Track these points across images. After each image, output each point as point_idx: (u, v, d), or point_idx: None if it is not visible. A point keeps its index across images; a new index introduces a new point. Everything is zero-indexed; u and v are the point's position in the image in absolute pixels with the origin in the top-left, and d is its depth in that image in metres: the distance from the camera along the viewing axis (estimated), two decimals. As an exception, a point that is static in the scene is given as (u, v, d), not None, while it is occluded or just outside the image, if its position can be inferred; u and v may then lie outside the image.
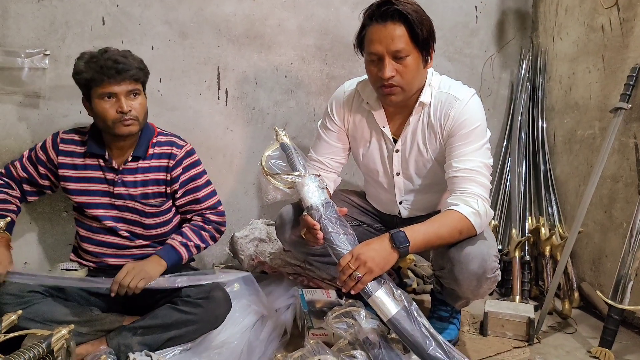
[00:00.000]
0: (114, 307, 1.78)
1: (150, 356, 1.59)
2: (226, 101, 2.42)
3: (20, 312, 1.43)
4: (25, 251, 2.21)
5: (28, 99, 2.14)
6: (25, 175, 1.86)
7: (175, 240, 1.81)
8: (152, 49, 2.27)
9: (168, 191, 1.85)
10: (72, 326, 1.36)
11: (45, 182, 1.87)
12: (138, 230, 1.84)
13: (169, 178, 1.83)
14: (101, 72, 1.64)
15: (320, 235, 1.54)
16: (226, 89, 2.42)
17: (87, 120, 2.24)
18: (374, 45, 1.59)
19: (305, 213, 1.60)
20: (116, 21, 2.22)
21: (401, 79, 1.59)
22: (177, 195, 1.86)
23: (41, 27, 2.13)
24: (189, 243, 1.81)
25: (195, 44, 2.34)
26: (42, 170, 1.84)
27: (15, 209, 1.86)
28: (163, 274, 1.72)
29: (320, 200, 1.59)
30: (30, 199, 1.92)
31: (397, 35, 1.55)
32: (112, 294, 1.65)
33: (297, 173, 1.65)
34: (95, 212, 1.80)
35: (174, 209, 1.90)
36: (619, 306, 1.77)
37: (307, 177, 1.63)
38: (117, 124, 1.68)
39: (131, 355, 1.58)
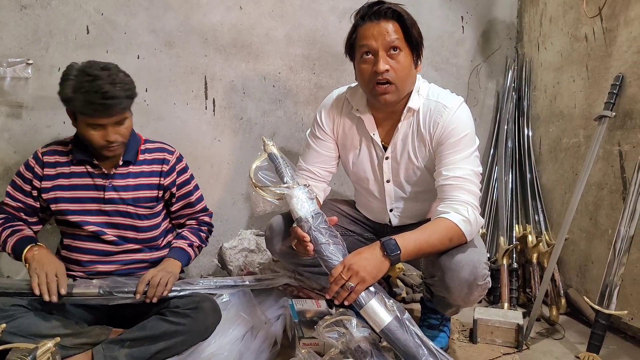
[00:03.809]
0: (100, 319, 1.75)
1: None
2: (214, 111, 2.41)
3: (4, 325, 1.40)
4: (9, 264, 2.17)
5: (10, 109, 2.11)
6: (20, 204, 1.77)
7: (181, 243, 1.87)
8: (138, 58, 2.26)
9: (161, 195, 1.86)
10: (58, 339, 1.33)
11: (39, 205, 1.78)
12: (130, 234, 1.82)
13: (163, 183, 1.85)
14: (90, 107, 1.59)
15: (311, 247, 1.53)
16: (213, 99, 2.40)
17: (71, 131, 2.22)
18: (368, 40, 1.59)
19: (295, 225, 1.59)
20: (101, 30, 2.20)
21: (395, 75, 1.60)
22: (173, 201, 1.90)
23: (24, 36, 2.10)
24: (193, 244, 1.89)
25: (181, 53, 2.33)
26: (33, 192, 1.75)
27: (28, 229, 1.78)
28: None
29: (309, 211, 1.57)
30: (34, 228, 1.81)
31: (391, 30, 1.58)
32: (137, 296, 1.65)
33: (286, 185, 1.63)
34: (81, 218, 1.77)
35: (163, 212, 1.91)
36: (606, 311, 1.79)
37: (295, 188, 1.61)
38: (102, 149, 1.69)
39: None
